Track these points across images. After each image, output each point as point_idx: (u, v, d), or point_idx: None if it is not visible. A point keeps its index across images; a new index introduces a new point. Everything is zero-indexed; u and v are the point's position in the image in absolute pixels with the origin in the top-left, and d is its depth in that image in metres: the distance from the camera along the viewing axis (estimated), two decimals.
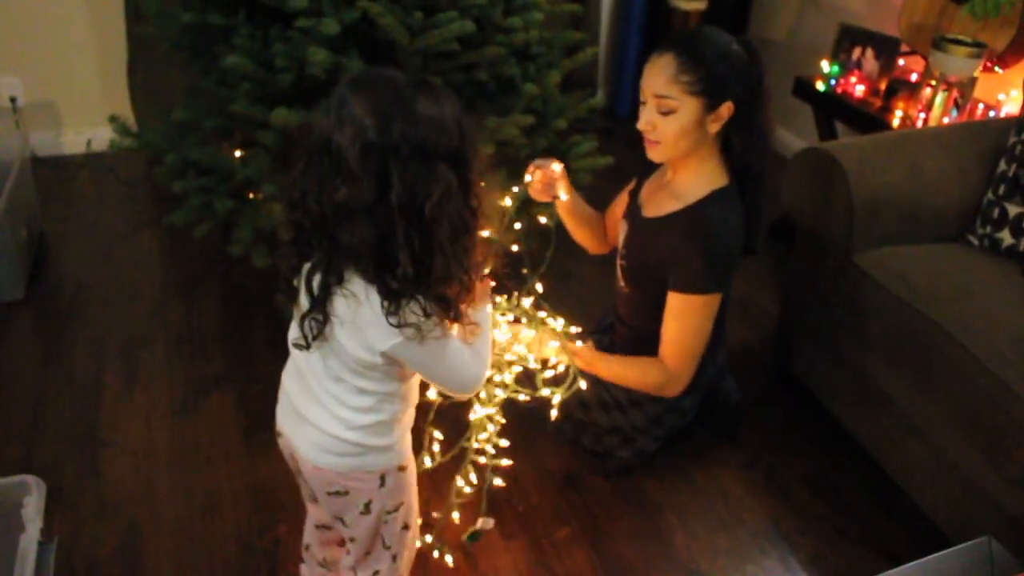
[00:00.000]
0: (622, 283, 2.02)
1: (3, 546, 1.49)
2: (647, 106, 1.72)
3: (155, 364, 2.49)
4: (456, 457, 1.82)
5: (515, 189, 1.81)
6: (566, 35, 2.25)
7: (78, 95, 3.61)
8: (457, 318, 1.24)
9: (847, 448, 2.24)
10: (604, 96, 4.34)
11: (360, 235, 1.14)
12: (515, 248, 1.84)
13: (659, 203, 1.88)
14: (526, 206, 2.15)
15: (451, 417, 1.83)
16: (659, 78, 1.68)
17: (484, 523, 1.84)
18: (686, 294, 1.80)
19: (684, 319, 1.82)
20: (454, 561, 1.88)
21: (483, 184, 1.22)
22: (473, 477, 1.80)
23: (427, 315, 1.19)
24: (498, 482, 1.86)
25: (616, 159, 2.52)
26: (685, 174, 1.82)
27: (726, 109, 1.71)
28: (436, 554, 1.86)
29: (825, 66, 3.15)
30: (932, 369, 1.95)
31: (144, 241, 3.11)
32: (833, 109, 3.11)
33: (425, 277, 1.17)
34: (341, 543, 1.62)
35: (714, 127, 1.73)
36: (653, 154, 1.78)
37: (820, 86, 3.12)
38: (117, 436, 2.23)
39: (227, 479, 2.10)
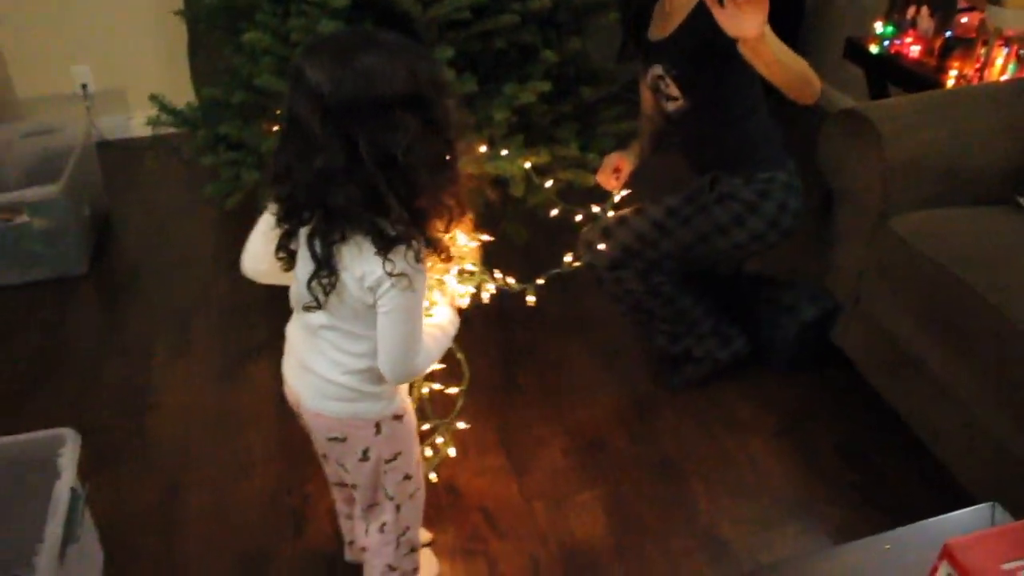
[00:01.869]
0: (682, 102, 2.08)
1: (40, 493, 1.59)
2: None
3: (202, 333, 2.61)
4: None
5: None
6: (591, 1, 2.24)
7: (144, 79, 3.75)
8: (449, 259, 1.31)
9: (883, 416, 2.18)
10: None
11: (347, 195, 1.19)
12: (554, 213, 1.89)
13: (673, 17, 2.00)
14: (552, 169, 2.16)
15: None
16: None
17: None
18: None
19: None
20: (473, 521, 1.92)
21: (455, 116, 1.24)
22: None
23: (418, 260, 1.24)
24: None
25: None
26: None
27: None
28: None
29: (879, 27, 3.05)
30: (967, 335, 1.89)
31: (200, 217, 3.23)
32: (886, 71, 3.01)
33: (418, 219, 1.23)
34: None
35: None
36: None
37: (873, 48, 3.03)
38: (163, 400, 2.34)
39: (261, 441, 2.19)
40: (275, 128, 2.14)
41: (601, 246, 2.08)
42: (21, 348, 2.58)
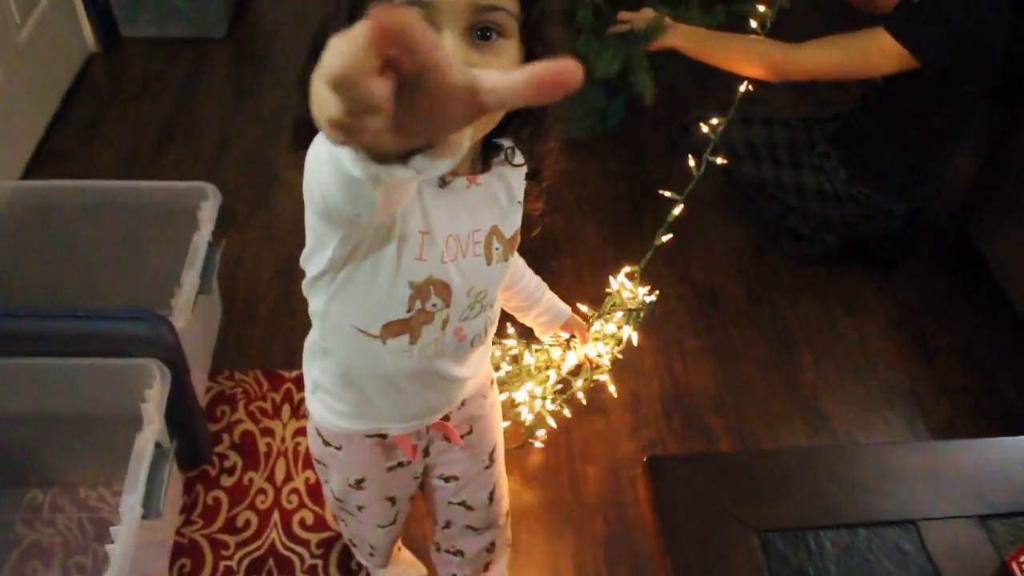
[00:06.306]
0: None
1: (179, 241, 1.64)
2: None
3: None
4: None
5: None
6: None
7: None
8: None
9: (1012, 328, 2.10)
10: None
11: None
12: None
13: None
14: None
15: None
16: None
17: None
18: (880, 26, 1.78)
19: (851, 37, 1.81)
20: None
21: None
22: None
23: None
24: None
25: None
26: None
27: None
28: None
29: None
30: None
31: None
32: None
33: None
34: None
35: None
36: None
37: None
38: (290, 175, 2.35)
39: None
40: None
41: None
42: (158, 102, 2.61)
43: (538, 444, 1.71)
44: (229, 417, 1.77)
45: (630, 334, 1.56)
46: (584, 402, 1.67)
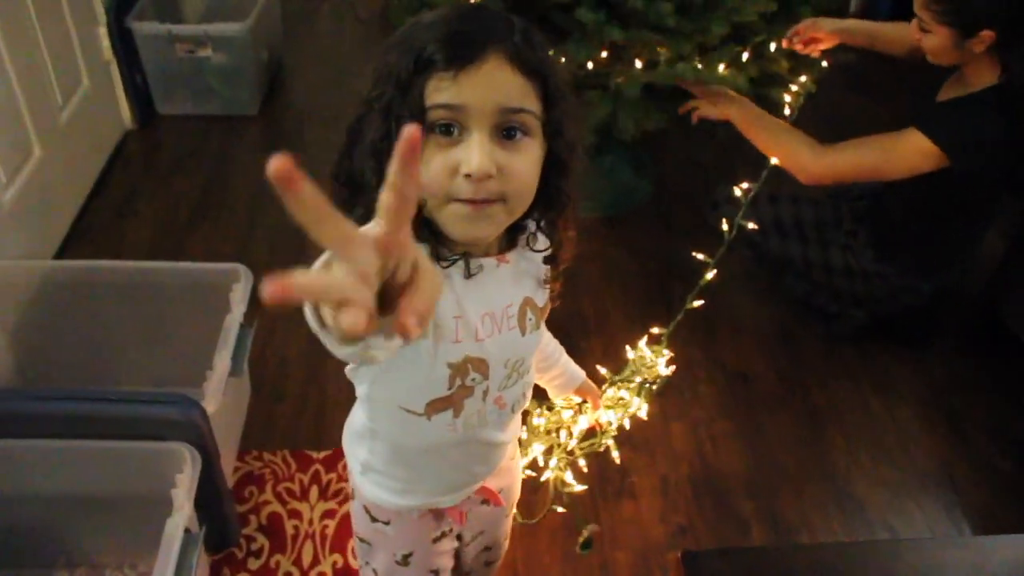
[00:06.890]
0: None
1: (211, 323, 1.65)
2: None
3: None
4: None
5: None
6: None
7: None
8: None
9: None
10: None
11: None
12: None
13: (946, 93, 1.92)
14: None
15: None
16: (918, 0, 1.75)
17: (591, 529, 1.62)
18: (908, 126, 1.80)
19: (882, 138, 1.83)
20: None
21: None
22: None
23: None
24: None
25: (863, 59, 2.39)
26: (968, 71, 1.84)
27: (986, 36, 1.71)
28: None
29: None
30: None
31: (368, 76, 3.23)
32: None
33: None
34: None
35: (978, 48, 1.74)
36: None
37: None
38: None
39: None
40: None
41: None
42: (191, 179, 2.67)
43: (560, 509, 1.66)
44: (257, 498, 1.76)
45: (640, 405, 1.54)
46: (585, 469, 1.61)
